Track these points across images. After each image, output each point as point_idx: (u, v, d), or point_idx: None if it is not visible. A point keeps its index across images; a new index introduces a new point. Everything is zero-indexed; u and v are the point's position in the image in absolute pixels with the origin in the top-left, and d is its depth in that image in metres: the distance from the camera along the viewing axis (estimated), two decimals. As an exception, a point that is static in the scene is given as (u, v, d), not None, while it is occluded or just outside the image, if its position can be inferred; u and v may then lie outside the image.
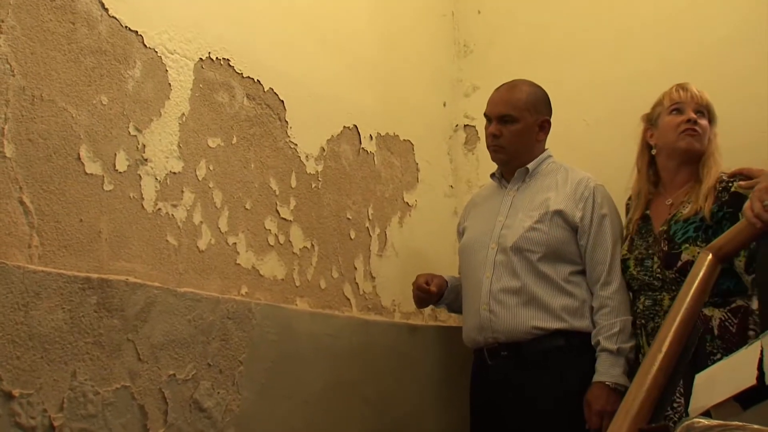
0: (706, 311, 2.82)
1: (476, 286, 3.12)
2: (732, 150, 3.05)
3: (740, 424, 1.31)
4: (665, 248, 2.91)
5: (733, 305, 2.82)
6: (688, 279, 2.36)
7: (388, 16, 3.65)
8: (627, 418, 1.94)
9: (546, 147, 3.28)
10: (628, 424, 1.91)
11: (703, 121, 3.00)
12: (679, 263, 2.86)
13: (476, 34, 4.01)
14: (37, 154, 2.24)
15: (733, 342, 2.75)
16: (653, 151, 3.10)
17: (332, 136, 3.29)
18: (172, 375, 2.44)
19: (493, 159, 3.27)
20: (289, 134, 3.07)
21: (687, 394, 2.06)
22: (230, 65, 2.87)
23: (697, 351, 2.30)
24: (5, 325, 2.03)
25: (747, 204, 2.35)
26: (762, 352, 1.65)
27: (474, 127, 4.01)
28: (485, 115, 3.22)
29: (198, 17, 2.75)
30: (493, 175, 3.34)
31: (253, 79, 2.95)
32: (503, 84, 3.26)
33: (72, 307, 2.18)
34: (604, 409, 2.84)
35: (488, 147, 3.24)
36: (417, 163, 3.76)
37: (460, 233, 3.41)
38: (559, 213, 3.07)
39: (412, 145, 3.72)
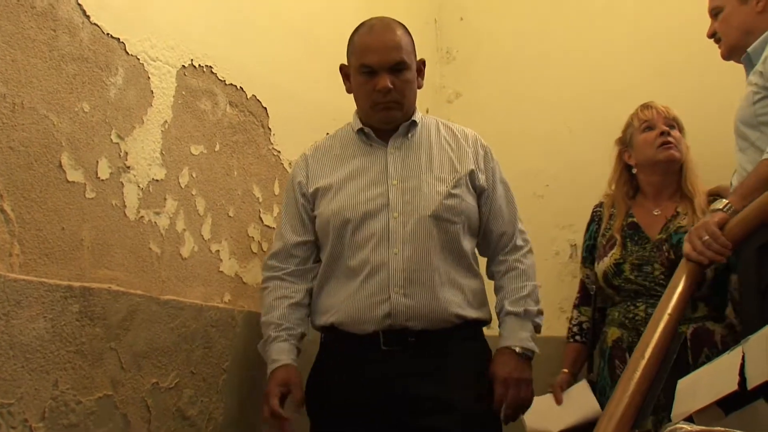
0: (709, 325, 2.93)
1: (375, 265, 2.60)
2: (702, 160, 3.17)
3: (723, 429, 1.34)
4: (671, 256, 2.98)
5: (726, 321, 2.96)
6: (670, 286, 2.39)
7: None
8: (611, 423, 1.94)
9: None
10: (612, 428, 1.92)
11: (675, 132, 3.12)
12: None
13: (459, 41, 4.05)
14: (18, 162, 2.22)
15: None
16: (634, 170, 3.21)
17: (315, 142, 3.28)
18: (155, 383, 2.45)
19: (385, 119, 2.73)
20: (272, 141, 3.10)
21: (669, 400, 2.08)
22: (213, 72, 2.88)
23: (678, 357, 2.32)
24: None
25: (687, 246, 2.42)
26: (744, 357, 1.68)
27: (456, 133, 4.01)
28: (365, 65, 2.67)
29: (180, 24, 2.76)
30: (360, 131, 2.79)
31: (235, 86, 2.97)
32: (371, 26, 2.76)
33: (54, 315, 2.18)
34: (510, 376, 2.57)
35: (375, 105, 2.69)
36: (401, 169, 3.76)
37: (304, 195, 2.78)
38: (469, 176, 2.71)
39: (396, 151, 3.73)
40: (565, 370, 3.11)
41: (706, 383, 1.84)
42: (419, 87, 2.79)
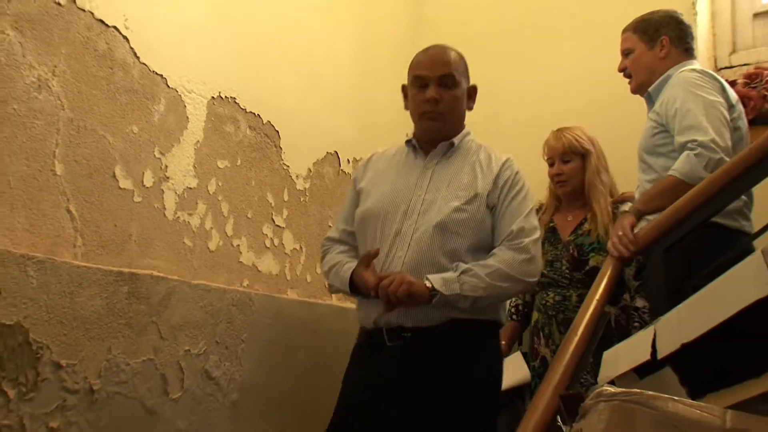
0: (606, 308, 2.81)
1: (383, 264, 2.31)
2: (621, 170, 3.13)
3: (638, 390, 1.31)
4: (575, 254, 2.97)
5: (621, 304, 2.92)
6: (598, 278, 2.40)
7: (365, 62, 3.64)
8: (550, 386, 1.94)
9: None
10: (551, 391, 1.92)
11: (570, 165, 3.06)
12: (587, 267, 2.93)
13: None
14: (81, 172, 2.26)
15: (623, 332, 2.79)
16: None
17: (317, 159, 3.28)
18: (187, 350, 2.47)
19: (426, 129, 2.45)
20: (282, 158, 3.08)
21: (596, 368, 2.05)
22: (236, 102, 2.88)
23: (604, 335, 2.32)
24: (55, 309, 2.06)
25: (609, 243, 2.48)
26: (655, 334, 1.65)
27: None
28: (418, 76, 2.43)
29: (211, 63, 2.77)
30: (408, 142, 2.52)
31: (254, 113, 2.96)
32: (429, 47, 2.51)
33: (108, 295, 2.21)
34: (404, 281, 2.16)
35: (422, 114, 2.43)
36: (386, 182, 3.72)
37: (356, 191, 2.53)
38: (485, 196, 2.34)
39: (382, 167, 3.70)
40: (503, 342, 2.95)
41: (625, 354, 1.81)
42: (469, 109, 2.51)
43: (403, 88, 2.55)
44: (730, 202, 2.31)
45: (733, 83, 3.29)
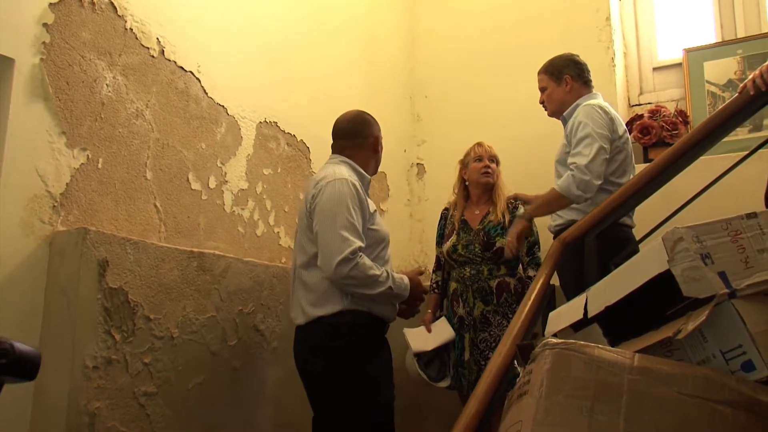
0: (507, 279, 2.89)
1: None
2: (518, 178, 3.14)
3: (573, 341, 1.32)
4: (485, 239, 2.93)
5: (518, 276, 2.92)
6: (545, 259, 2.36)
7: (373, 97, 3.63)
8: (510, 337, 1.93)
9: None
10: (510, 341, 1.90)
11: (493, 165, 3.07)
12: (495, 248, 2.90)
13: (424, 110, 3.95)
14: (164, 178, 2.31)
15: (520, 297, 2.80)
16: (467, 183, 3.13)
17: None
18: (240, 309, 2.48)
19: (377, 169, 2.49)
20: (311, 167, 3.10)
21: (543, 324, 2.01)
22: (277, 126, 2.91)
23: (549, 302, 2.33)
24: (146, 278, 2.11)
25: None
26: (586, 299, 1.66)
27: (422, 164, 3.92)
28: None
29: (259, 97, 2.80)
30: (368, 181, 2.39)
31: (291, 133, 2.99)
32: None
33: (182, 267, 2.25)
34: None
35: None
36: (388, 186, 3.73)
37: (367, 210, 2.25)
38: None
39: (385, 175, 3.71)
40: (429, 311, 3.00)
41: (564, 314, 1.78)
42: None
43: (378, 138, 2.47)
44: (634, 206, 2.37)
45: (641, 116, 3.36)
